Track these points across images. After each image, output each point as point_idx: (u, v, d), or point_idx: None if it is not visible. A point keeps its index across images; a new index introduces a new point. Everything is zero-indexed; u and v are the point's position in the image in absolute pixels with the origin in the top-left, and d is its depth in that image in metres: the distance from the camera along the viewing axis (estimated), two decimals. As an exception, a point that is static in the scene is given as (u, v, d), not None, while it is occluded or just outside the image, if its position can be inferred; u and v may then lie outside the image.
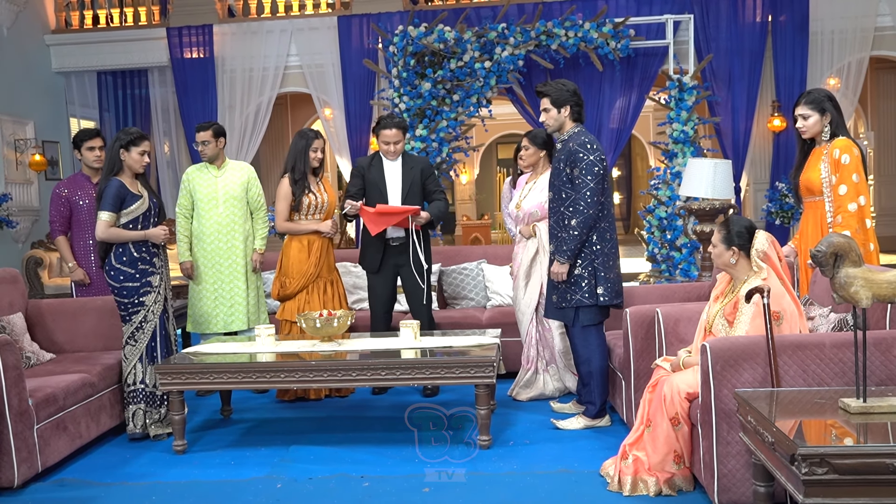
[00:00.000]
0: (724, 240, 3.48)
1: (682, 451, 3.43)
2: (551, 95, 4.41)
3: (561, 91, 4.40)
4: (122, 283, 4.49)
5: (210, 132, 5.34)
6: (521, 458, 4.01)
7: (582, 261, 4.33)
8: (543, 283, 5.00)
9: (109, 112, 10.41)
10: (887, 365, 2.99)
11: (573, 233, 4.26)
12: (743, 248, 3.45)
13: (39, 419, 3.87)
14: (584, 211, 4.23)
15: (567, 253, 4.29)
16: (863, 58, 8.92)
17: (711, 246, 3.59)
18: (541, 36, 8.51)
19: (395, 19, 9.18)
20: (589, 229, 4.27)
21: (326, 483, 3.76)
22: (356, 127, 9.50)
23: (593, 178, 4.24)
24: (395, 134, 5.17)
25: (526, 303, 5.09)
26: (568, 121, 4.43)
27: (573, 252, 4.29)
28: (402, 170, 5.24)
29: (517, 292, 5.16)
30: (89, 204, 5.35)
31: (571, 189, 4.30)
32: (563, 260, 4.31)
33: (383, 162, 5.26)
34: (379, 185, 5.22)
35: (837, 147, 3.98)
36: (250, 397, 5.40)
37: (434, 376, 4.12)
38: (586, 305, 4.36)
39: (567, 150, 4.33)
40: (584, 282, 4.33)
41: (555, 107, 4.40)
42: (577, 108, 4.43)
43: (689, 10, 8.89)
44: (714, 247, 3.55)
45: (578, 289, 4.34)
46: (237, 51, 9.76)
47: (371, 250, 5.28)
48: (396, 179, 5.25)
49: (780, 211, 8.83)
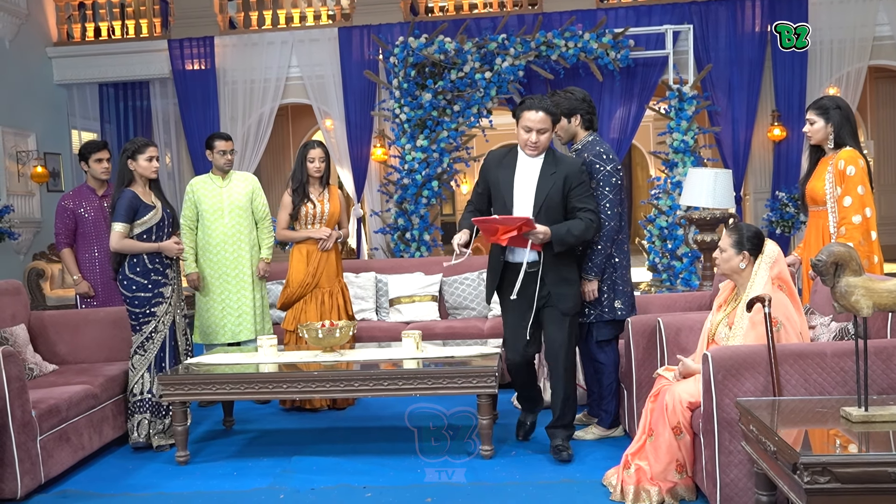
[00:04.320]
0: (736, 244, 3.47)
1: (684, 461, 3.43)
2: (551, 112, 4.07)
3: (570, 100, 4.30)
4: (135, 293, 4.51)
5: (232, 141, 5.40)
6: (523, 468, 4.01)
7: (602, 274, 4.25)
8: None
9: (111, 124, 10.43)
10: (888, 374, 3.00)
11: (597, 247, 4.17)
12: (752, 254, 3.46)
13: (42, 430, 3.87)
14: (605, 224, 4.14)
15: (594, 269, 4.19)
16: (861, 67, 8.94)
17: (718, 251, 3.56)
18: (541, 46, 8.54)
19: (396, 30, 9.21)
20: (612, 242, 4.20)
21: (329, 493, 3.76)
22: (357, 138, 9.51)
23: (611, 189, 4.17)
24: (541, 120, 3.93)
25: None
26: (580, 129, 4.36)
27: (600, 267, 4.20)
28: (541, 173, 4.00)
29: None
30: (94, 216, 5.38)
31: None
32: (592, 277, 4.21)
33: (518, 158, 4.06)
34: (503, 191, 4.03)
35: (843, 158, 3.98)
36: (253, 408, 5.40)
37: (436, 386, 4.12)
38: (604, 321, 4.31)
39: (582, 161, 4.21)
40: (604, 296, 4.27)
41: (564, 116, 4.28)
42: (588, 116, 4.33)
43: (688, 20, 8.92)
44: (722, 251, 3.52)
45: (598, 303, 4.27)
46: (238, 62, 9.79)
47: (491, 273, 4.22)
48: (529, 185, 4.01)
49: (781, 220, 8.84)
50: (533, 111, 3.92)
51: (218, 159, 5.39)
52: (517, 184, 4.00)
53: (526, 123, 3.93)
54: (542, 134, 3.93)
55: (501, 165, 4.06)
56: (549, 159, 4.01)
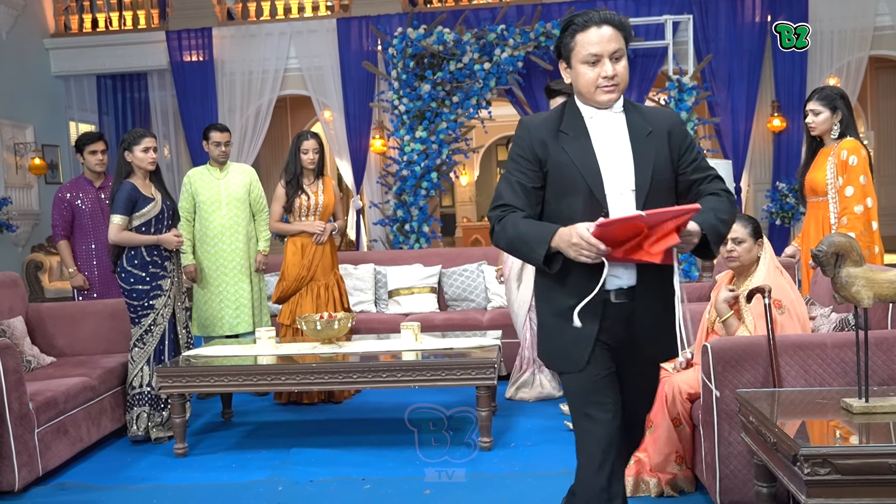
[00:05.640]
0: (753, 233, 3.43)
1: (683, 452, 3.42)
2: (568, 94, 4.21)
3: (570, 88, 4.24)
4: (133, 285, 4.49)
5: (229, 133, 5.39)
6: (522, 460, 4.00)
7: None
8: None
9: (109, 116, 10.39)
10: (889, 365, 2.99)
11: None
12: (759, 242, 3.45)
13: (40, 423, 3.87)
14: None
15: None
16: (862, 57, 8.90)
17: (736, 243, 3.40)
18: (540, 37, 8.50)
19: (394, 21, 9.17)
20: None
21: (327, 485, 3.76)
22: (356, 129, 9.48)
23: None
24: (612, 37, 2.41)
25: (519, 304, 5.06)
26: None
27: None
28: (632, 134, 2.49)
29: (510, 294, 5.14)
30: (91, 208, 5.35)
31: None
32: None
33: (586, 118, 2.50)
34: (583, 170, 2.44)
35: (845, 148, 3.96)
36: (251, 400, 5.40)
37: (435, 378, 4.11)
38: None
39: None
40: None
41: None
42: None
43: (688, 10, 8.88)
44: (742, 242, 3.40)
45: None
46: (237, 54, 9.75)
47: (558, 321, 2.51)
48: (620, 156, 2.47)
49: (781, 211, 8.82)
50: (594, 27, 2.41)
51: (213, 150, 5.38)
52: (602, 155, 2.44)
53: (589, 49, 2.40)
54: (619, 61, 2.42)
55: (560, 133, 2.48)
56: (633, 112, 2.51)
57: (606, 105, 2.47)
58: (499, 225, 2.47)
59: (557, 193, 2.47)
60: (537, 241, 2.37)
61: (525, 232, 2.41)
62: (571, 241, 2.28)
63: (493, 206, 2.53)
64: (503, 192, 2.51)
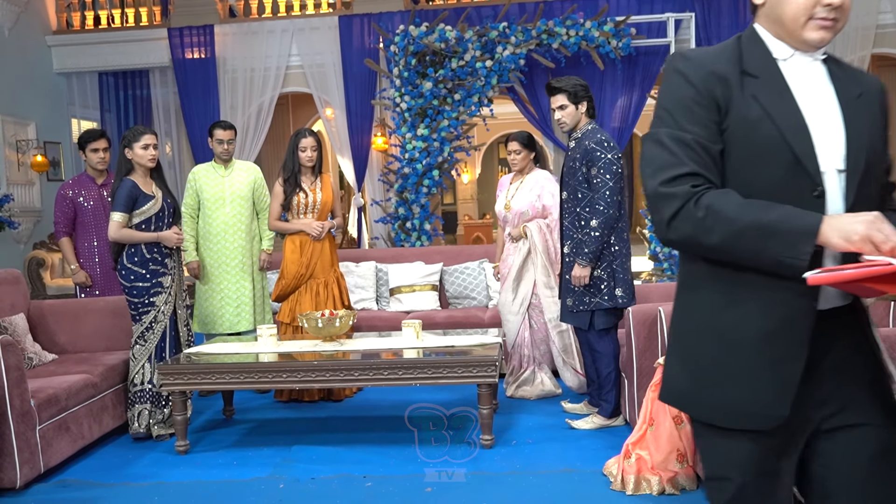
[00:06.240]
0: None
1: (685, 450, 3.42)
2: (569, 91, 4.27)
3: (577, 86, 4.28)
4: (133, 282, 4.49)
5: (233, 131, 5.38)
6: (523, 458, 4.00)
7: (601, 262, 4.25)
8: (536, 283, 4.99)
9: (111, 113, 10.39)
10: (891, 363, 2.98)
11: (594, 234, 4.16)
12: None
13: (42, 420, 3.87)
14: (604, 211, 4.14)
15: (589, 255, 4.19)
16: (864, 55, 8.89)
17: None
18: (542, 35, 8.49)
19: (396, 19, 9.16)
20: (610, 230, 4.19)
21: (329, 483, 3.76)
22: (357, 126, 9.48)
23: (612, 176, 4.15)
24: None
25: (517, 304, 5.06)
26: (584, 117, 4.34)
27: (595, 254, 4.20)
28: (839, 93, 1.73)
29: (505, 294, 5.12)
30: (94, 205, 5.36)
31: (588, 189, 4.24)
32: (585, 263, 4.21)
33: (779, 60, 1.74)
34: (789, 134, 1.64)
35: None
36: (252, 397, 5.40)
37: (436, 376, 4.11)
38: (604, 308, 4.31)
39: (583, 148, 4.21)
40: (604, 284, 4.26)
41: (573, 103, 4.26)
42: (591, 104, 4.33)
43: (690, 8, 8.87)
44: None
45: (598, 291, 4.27)
46: (238, 51, 9.75)
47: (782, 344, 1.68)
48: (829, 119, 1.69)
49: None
50: None
51: (217, 147, 5.38)
52: (811, 117, 1.67)
53: None
54: None
55: (745, 76, 1.71)
56: (834, 65, 1.78)
57: (816, 46, 1.70)
58: (696, 206, 1.61)
59: (741, 162, 1.67)
60: (796, 231, 1.52)
61: (769, 218, 1.55)
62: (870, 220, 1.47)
63: (669, 177, 1.65)
64: (677, 155, 1.65)
